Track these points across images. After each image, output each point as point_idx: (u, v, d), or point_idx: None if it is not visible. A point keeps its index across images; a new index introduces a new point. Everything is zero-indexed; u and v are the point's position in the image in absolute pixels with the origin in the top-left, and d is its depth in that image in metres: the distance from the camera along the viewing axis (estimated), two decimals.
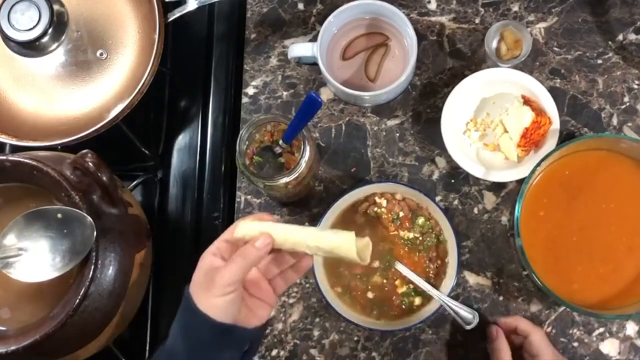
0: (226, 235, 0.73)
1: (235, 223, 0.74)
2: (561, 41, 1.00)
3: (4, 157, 0.80)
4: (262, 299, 0.74)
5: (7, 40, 0.91)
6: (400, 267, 0.91)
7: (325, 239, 0.68)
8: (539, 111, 0.92)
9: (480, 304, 0.94)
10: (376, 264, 0.93)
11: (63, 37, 0.93)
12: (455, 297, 0.94)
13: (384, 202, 0.94)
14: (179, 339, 0.70)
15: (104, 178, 0.80)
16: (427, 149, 0.99)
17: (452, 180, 0.98)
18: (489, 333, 0.91)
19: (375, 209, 0.94)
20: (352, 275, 0.93)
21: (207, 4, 0.97)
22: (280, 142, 0.88)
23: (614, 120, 0.97)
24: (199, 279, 0.70)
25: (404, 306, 0.92)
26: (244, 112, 1.03)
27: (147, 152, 1.03)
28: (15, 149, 0.91)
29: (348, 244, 0.67)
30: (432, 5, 1.02)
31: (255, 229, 0.70)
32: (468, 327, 0.89)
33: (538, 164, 0.88)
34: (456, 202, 0.97)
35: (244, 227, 0.71)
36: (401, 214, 0.94)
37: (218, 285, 0.67)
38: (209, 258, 0.71)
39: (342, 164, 1.00)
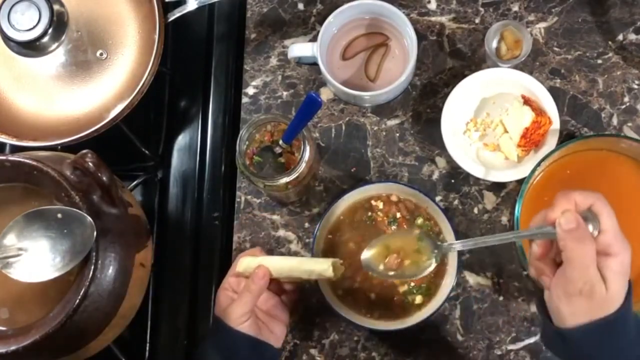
0: (232, 270, 0.87)
1: (238, 257, 0.87)
2: (561, 41, 1.00)
3: (4, 157, 0.80)
4: (277, 316, 0.87)
5: (7, 40, 0.91)
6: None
7: (309, 265, 0.83)
8: (539, 111, 0.93)
9: (480, 304, 0.94)
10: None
11: (63, 37, 0.93)
12: (455, 297, 0.94)
13: (380, 205, 0.94)
14: (217, 356, 0.81)
15: (104, 178, 0.79)
16: (427, 149, 0.99)
17: (452, 180, 0.98)
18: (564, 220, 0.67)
19: (369, 213, 0.94)
20: (353, 277, 0.93)
21: (207, 4, 0.97)
22: (280, 142, 0.88)
23: (614, 120, 0.97)
24: (219, 313, 0.83)
25: (405, 305, 0.92)
26: (244, 112, 1.03)
27: (147, 152, 1.03)
28: (15, 149, 0.91)
29: (325, 267, 0.82)
30: (432, 5, 1.02)
31: (254, 262, 0.84)
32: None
33: (538, 164, 0.88)
34: (456, 202, 0.97)
35: (244, 263, 0.85)
36: (398, 215, 0.94)
37: (233, 317, 0.80)
38: (223, 293, 0.85)
39: (342, 164, 1.00)
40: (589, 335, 0.67)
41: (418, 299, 0.92)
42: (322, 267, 0.82)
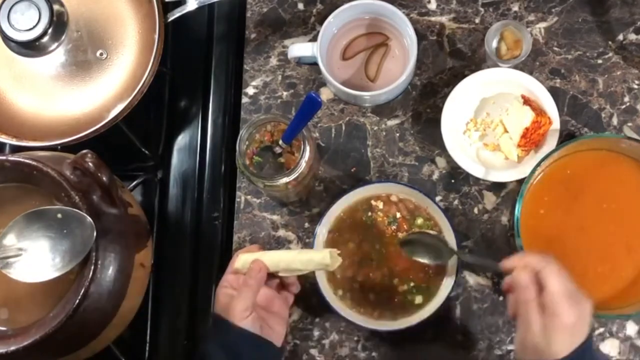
0: (231, 268, 0.86)
1: (235, 254, 0.86)
2: (561, 41, 1.00)
3: (4, 157, 0.80)
4: (276, 312, 0.85)
5: (7, 40, 0.91)
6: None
7: (306, 255, 0.84)
8: (539, 111, 0.93)
9: (480, 304, 0.94)
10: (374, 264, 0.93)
11: (63, 37, 0.93)
12: (455, 297, 0.94)
13: (380, 205, 0.94)
14: (221, 355, 0.80)
15: (104, 178, 0.80)
16: (427, 149, 0.99)
17: (452, 180, 0.98)
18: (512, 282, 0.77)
19: (369, 213, 0.94)
20: (353, 277, 0.93)
21: (207, 4, 0.97)
22: (280, 142, 0.88)
23: (614, 120, 0.97)
24: (219, 311, 0.82)
25: (405, 305, 0.92)
26: (244, 112, 1.03)
27: (147, 152, 1.03)
28: (15, 149, 0.91)
29: (322, 255, 0.82)
30: (432, 5, 1.02)
31: (251, 258, 0.84)
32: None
33: (538, 164, 0.88)
34: (456, 202, 0.97)
35: (241, 259, 0.85)
36: (398, 215, 0.94)
37: (235, 313, 0.79)
38: (222, 291, 0.84)
39: (342, 164, 1.00)
40: None
41: (418, 299, 0.92)
42: (319, 255, 0.83)
